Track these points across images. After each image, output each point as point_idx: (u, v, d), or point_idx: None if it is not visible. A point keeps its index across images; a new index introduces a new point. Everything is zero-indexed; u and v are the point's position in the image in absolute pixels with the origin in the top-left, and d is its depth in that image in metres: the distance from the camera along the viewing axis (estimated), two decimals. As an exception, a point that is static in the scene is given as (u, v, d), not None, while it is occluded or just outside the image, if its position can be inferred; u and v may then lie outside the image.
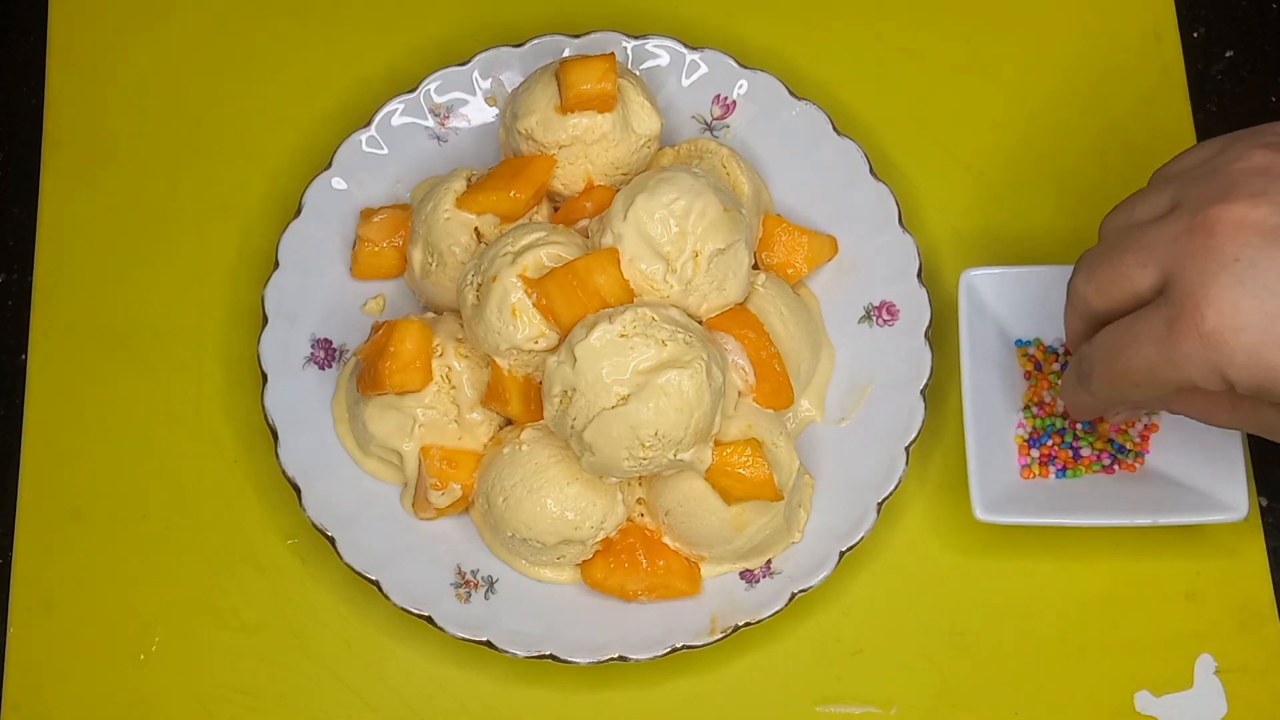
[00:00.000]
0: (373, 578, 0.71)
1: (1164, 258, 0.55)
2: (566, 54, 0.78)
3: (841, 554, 0.71)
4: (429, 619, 0.70)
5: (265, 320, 0.75)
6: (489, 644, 0.70)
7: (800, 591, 0.70)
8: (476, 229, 0.72)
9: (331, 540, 0.71)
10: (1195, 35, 0.83)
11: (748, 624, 0.70)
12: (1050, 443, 0.74)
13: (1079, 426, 0.74)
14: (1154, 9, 0.83)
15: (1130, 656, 0.73)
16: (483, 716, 0.72)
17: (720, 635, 0.70)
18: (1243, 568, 0.74)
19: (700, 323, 0.69)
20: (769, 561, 0.72)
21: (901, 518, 0.75)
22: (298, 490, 0.72)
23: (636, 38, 0.78)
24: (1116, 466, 0.73)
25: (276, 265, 0.75)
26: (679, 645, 0.70)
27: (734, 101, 0.78)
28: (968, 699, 0.72)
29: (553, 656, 0.70)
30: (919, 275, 0.74)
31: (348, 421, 0.74)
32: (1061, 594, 0.73)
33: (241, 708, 0.73)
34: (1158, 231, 0.56)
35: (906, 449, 0.72)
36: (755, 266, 0.73)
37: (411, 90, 0.78)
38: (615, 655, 0.70)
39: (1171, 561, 0.74)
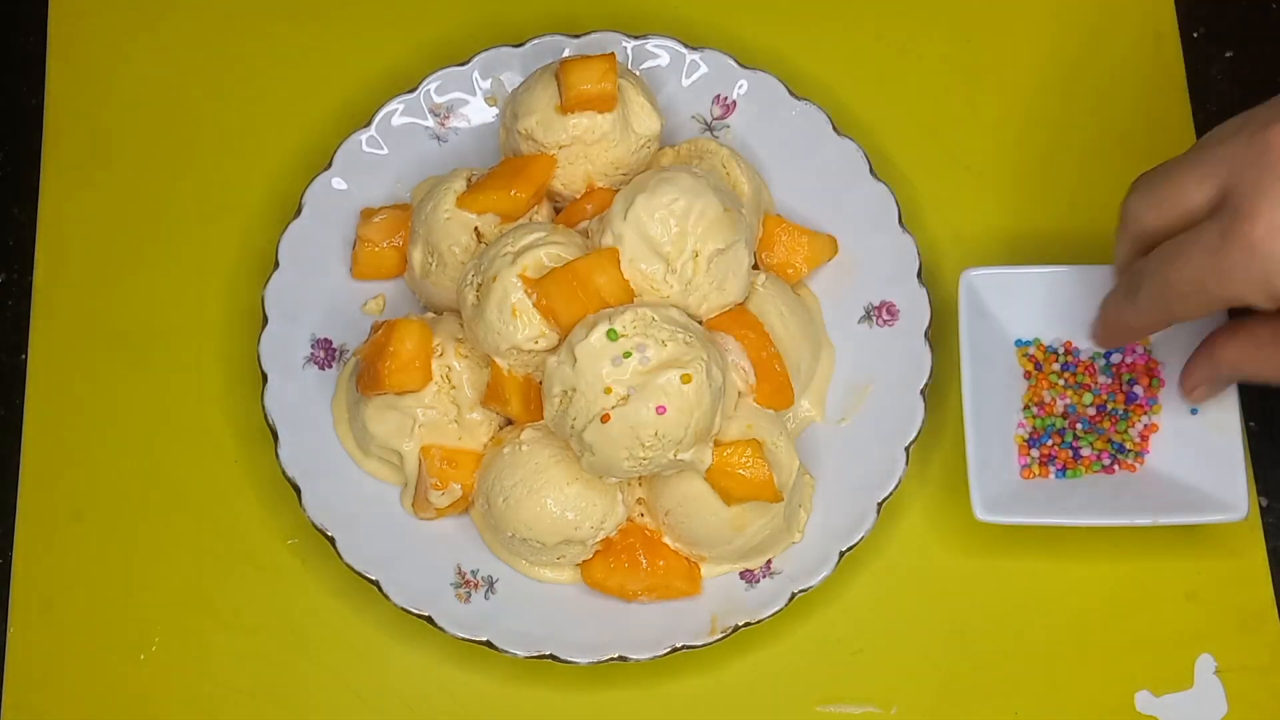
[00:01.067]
0: (373, 578, 0.71)
1: (1223, 173, 0.56)
2: (566, 54, 0.78)
3: (841, 554, 0.71)
4: (429, 619, 0.70)
5: (265, 320, 0.75)
6: (489, 644, 0.70)
7: (800, 591, 0.70)
8: (476, 229, 0.72)
9: (331, 540, 0.71)
10: (1195, 35, 0.83)
11: (748, 624, 0.70)
12: (1050, 443, 0.74)
13: (1078, 426, 0.74)
14: (1154, 9, 0.83)
15: (1130, 656, 0.73)
16: (483, 716, 0.72)
17: (720, 635, 0.70)
18: (1243, 568, 0.74)
19: (700, 323, 0.69)
20: (769, 561, 0.72)
21: (901, 518, 0.75)
22: (298, 490, 0.72)
23: (636, 38, 0.78)
24: (1116, 466, 0.73)
25: (276, 265, 0.75)
26: (679, 645, 0.70)
27: (734, 101, 0.78)
28: (968, 699, 0.72)
29: (553, 656, 0.70)
30: (919, 275, 0.74)
31: (348, 421, 0.74)
32: (1061, 594, 0.73)
33: (241, 708, 0.73)
34: (1219, 149, 0.57)
35: (906, 449, 0.72)
36: (755, 266, 0.73)
37: (411, 90, 0.78)
38: (615, 655, 0.70)
39: (1171, 561, 0.74)
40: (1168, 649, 0.73)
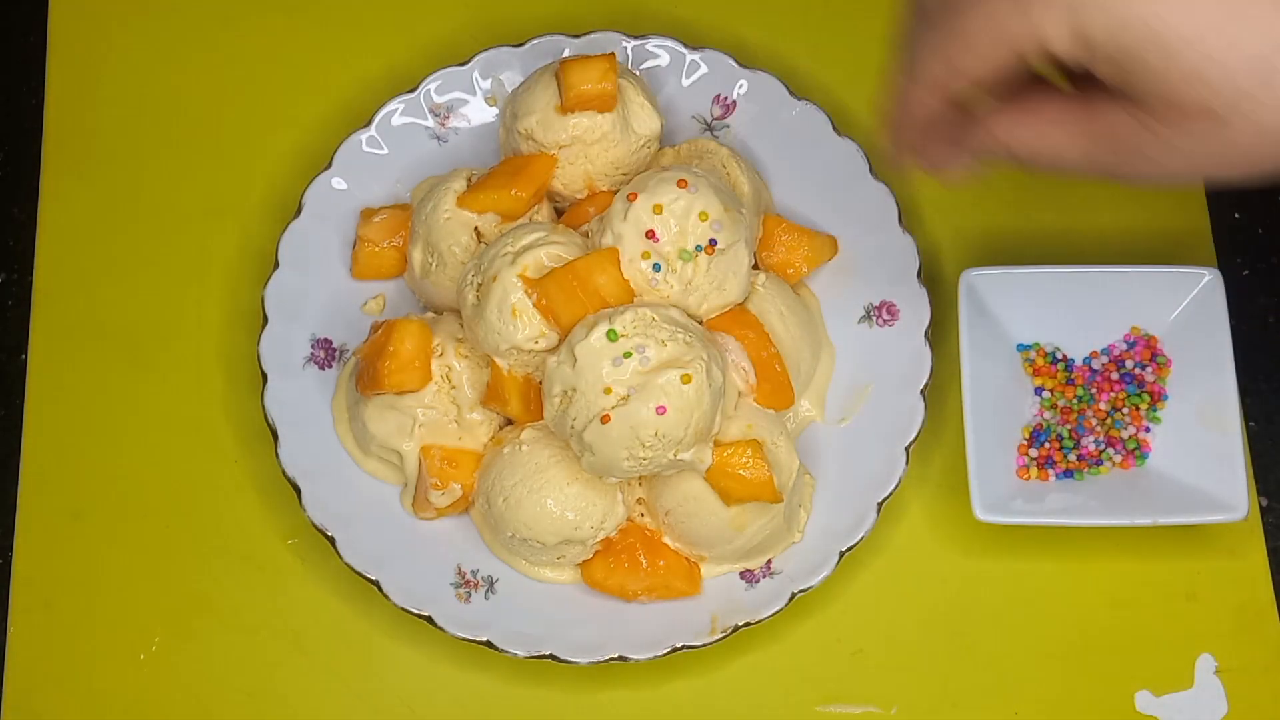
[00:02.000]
0: (373, 578, 0.71)
1: None
2: (566, 54, 0.78)
3: (841, 554, 0.71)
4: (429, 619, 0.70)
5: (265, 320, 0.75)
6: (489, 644, 0.70)
7: (800, 591, 0.70)
8: (476, 229, 0.72)
9: (331, 540, 0.71)
10: (1195, 35, 0.82)
11: (748, 624, 0.70)
12: (1050, 443, 0.74)
13: (1078, 426, 0.74)
14: (1154, 9, 0.83)
15: (1130, 656, 0.73)
16: (483, 716, 0.72)
17: (720, 635, 0.70)
18: (1243, 568, 0.74)
19: (700, 323, 0.69)
20: (769, 561, 0.72)
21: (901, 518, 0.75)
22: (298, 490, 0.72)
23: (636, 38, 0.78)
24: (1116, 467, 0.73)
25: (276, 265, 0.75)
26: (679, 645, 0.70)
27: (734, 101, 0.78)
28: (968, 699, 0.72)
29: (553, 656, 0.70)
30: (919, 275, 0.74)
31: (348, 421, 0.74)
32: (1061, 594, 0.73)
33: (241, 708, 0.73)
34: None
35: (906, 449, 0.72)
36: (755, 266, 0.73)
37: (411, 90, 0.78)
38: (615, 655, 0.70)
39: (1171, 561, 0.74)
40: (1168, 649, 0.73)
